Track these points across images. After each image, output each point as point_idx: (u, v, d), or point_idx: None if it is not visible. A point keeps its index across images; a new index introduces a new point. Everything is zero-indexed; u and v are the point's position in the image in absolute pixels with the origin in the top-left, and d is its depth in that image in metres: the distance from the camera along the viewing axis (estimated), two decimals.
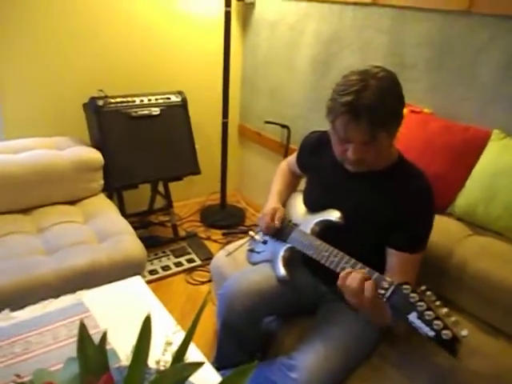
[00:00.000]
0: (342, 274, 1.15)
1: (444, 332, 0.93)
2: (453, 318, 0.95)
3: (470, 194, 1.62)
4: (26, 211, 2.03)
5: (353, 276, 1.12)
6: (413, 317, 0.98)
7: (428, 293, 1.00)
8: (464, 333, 0.93)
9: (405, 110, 1.88)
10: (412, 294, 1.00)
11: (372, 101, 1.14)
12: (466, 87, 1.79)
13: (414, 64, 1.92)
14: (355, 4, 2.16)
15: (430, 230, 1.30)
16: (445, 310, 0.97)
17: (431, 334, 0.95)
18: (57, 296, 1.28)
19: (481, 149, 1.63)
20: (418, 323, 0.97)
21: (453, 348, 0.93)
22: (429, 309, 0.97)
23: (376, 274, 1.12)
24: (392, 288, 1.06)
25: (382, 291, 1.07)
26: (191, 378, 0.72)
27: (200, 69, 2.85)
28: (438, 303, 0.98)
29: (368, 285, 1.09)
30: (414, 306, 0.99)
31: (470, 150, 1.66)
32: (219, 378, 0.89)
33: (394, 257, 1.28)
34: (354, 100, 1.15)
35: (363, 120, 1.15)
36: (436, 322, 0.95)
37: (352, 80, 1.18)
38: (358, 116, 1.15)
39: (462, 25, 1.75)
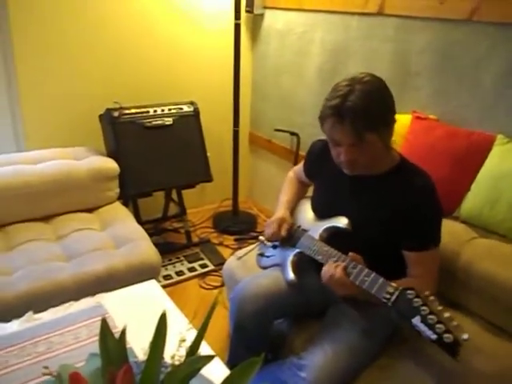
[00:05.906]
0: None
1: (446, 335, 0.97)
2: (454, 322, 0.99)
3: (475, 198, 1.65)
4: (45, 219, 2.09)
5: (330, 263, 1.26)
6: (416, 320, 1.02)
7: (431, 298, 1.04)
8: (465, 336, 0.96)
9: (408, 117, 1.93)
10: (416, 299, 1.04)
11: (356, 103, 1.19)
12: (469, 93, 1.82)
13: (418, 72, 1.95)
14: (361, 14, 2.21)
15: (439, 225, 1.32)
16: (447, 314, 1.00)
17: (433, 336, 0.98)
18: (77, 299, 1.33)
19: (485, 153, 1.66)
20: (422, 326, 1.01)
21: (454, 350, 0.97)
22: (431, 313, 1.00)
23: (381, 280, 1.15)
24: (397, 293, 1.09)
25: (387, 296, 1.10)
26: (203, 372, 0.77)
27: (211, 79, 2.92)
28: (440, 308, 1.02)
29: (338, 268, 1.23)
30: (417, 310, 1.02)
31: (475, 154, 1.69)
32: (228, 372, 0.94)
33: (411, 258, 1.31)
34: (340, 103, 1.21)
35: (347, 122, 1.21)
36: (438, 325, 0.98)
37: (340, 86, 1.25)
38: (342, 118, 1.21)
39: (464, 33, 1.79)
